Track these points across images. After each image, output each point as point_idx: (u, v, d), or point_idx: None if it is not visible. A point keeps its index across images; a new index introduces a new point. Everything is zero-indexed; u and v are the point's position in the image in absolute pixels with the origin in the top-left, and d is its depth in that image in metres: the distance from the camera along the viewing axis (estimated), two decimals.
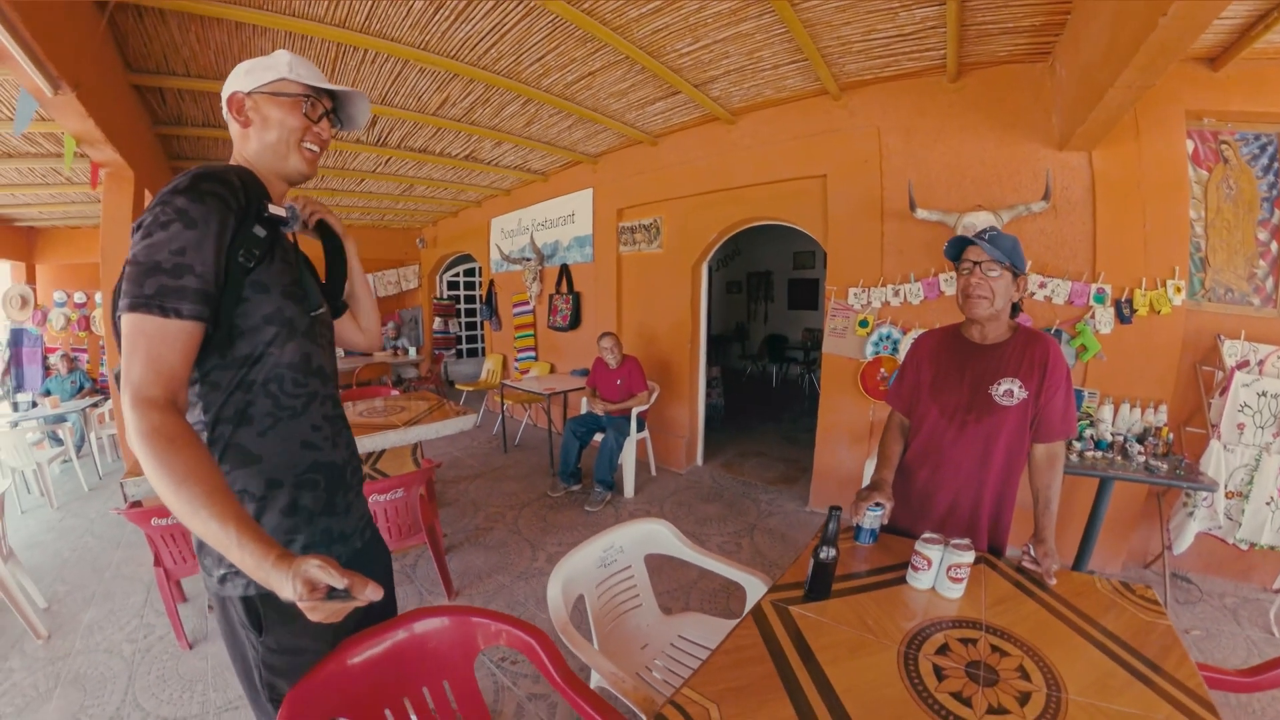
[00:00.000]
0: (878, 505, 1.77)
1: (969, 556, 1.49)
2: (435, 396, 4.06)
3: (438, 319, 10.46)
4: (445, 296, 10.79)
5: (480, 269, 9.02)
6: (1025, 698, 1.14)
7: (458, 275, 10.90)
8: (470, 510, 4.57)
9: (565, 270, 6.68)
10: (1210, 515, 3.14)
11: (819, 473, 4.55)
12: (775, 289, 11.18)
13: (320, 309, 1.24)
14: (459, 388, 8.10)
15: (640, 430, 4.95)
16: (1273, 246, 3.16)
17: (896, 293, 3.90)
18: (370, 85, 3.81)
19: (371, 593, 0.89)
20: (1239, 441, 3.07)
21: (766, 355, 10.36)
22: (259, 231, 1.09)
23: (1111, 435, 3.10)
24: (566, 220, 6.55)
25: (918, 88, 3.70)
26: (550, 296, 6.92)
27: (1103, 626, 1.38)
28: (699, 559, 2.10)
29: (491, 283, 8.21)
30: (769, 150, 4.48)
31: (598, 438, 4.83)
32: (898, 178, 3.80)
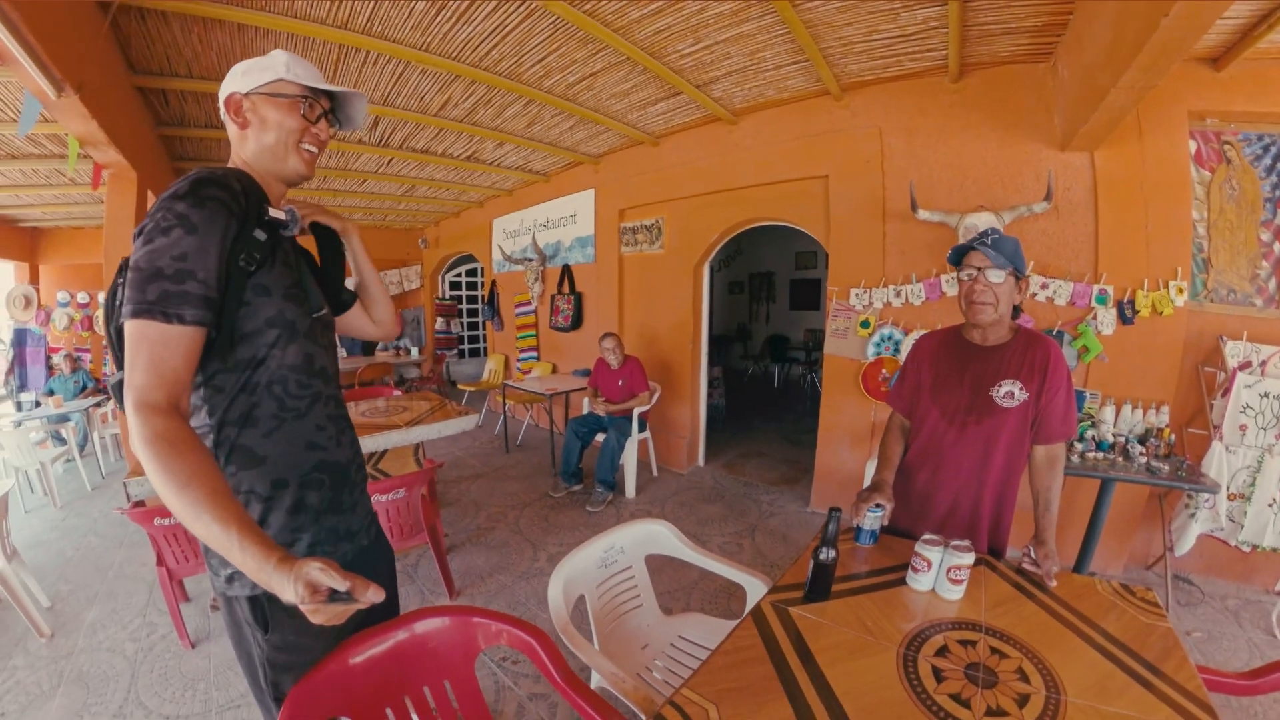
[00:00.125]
0: (878, 506, 1.77)
1: (969, 558, 1.49)
2: (437, 396, 4.07)
3: (440, 319, 10.48)
4: (447, 297, 10.81)
5: (482, 269, 9.03)
6: (1024, 700, 1.14)
7: (460, 275, 10.92)
8: (472, 510, 4.58)
9: (567, 271, 6.69)
10: (1212, 517, 3.14)
11: (820, 473, 4.55)
12: (777, 289, 11.19)
13: (321, 311, 1.25)
14: (461, 388, 8.11)
15: (642, 431, 4.95)
16: (1275, 247, 3.15)
17: (898, 293, 3.90)
18: (372, 86, 3.82)
19: (373, 595, 0.89)
20: (1241, 443, 3.06)
21: (768, 356, 10.36)
22: (259, 235, 1.10)
23: (1113, 436, 3.09)
24: (568, 221, 6.55)
25: (919, 88, 3.70)
26: (552, 297, 6.92)
27: (1103, 629, 1.38)
28: (700, 560, 2.10)
29: (494, 283, 8.22)
30: (771, 151, 4.48)
31: (599, 438, 4.83)
32: (899, 178, 3.80)
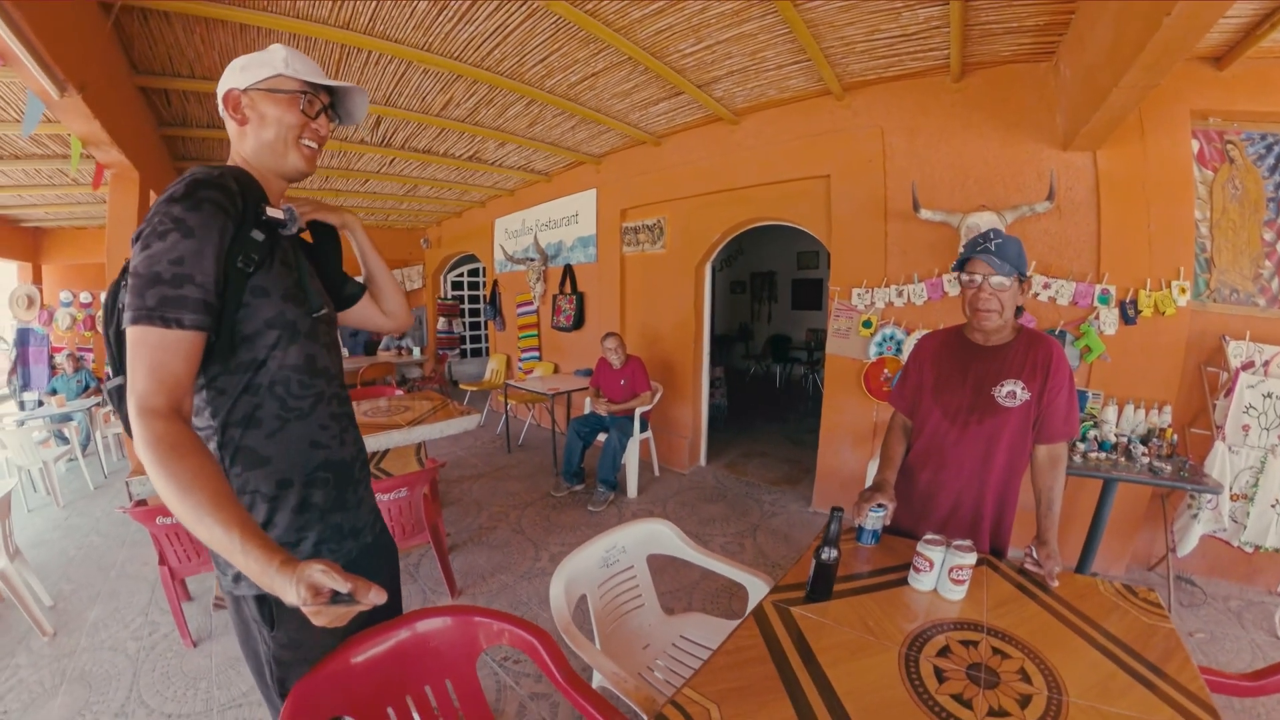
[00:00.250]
0: (880, 506, 1.77)
1: (971, 558, 1.49)
2: (439, 396, 4.08)
3: (442, 319, 10.49)
4: (449, 296, 10.81)
5: (484, 269, 9.04)
6: (1026, 700, 1.14)
7: (462, 275, 10.93)
8: (473, 510, 4.58)
9: (569, 270, 6.69)
10: (1215, 518, 3.13)
11: (822, 473, 4.54)
12: (779, 289, 11.18)
13: (322, 310, 1.24)
14: (463, 388, 8.11)
15: (644, 430, 4.96)
16: (1278, 247, 3.14)
17: (900, 293, 3.89)
18: (374, 86, 3.83)
19: (375, 596, 0.89)
20: (1244, 443, 3.05)
21: (770, 355, 10.35)
22: (257, 236, 1.09)
23: (1115, 436, 3.09)
24: (570, 221, 6.55)
25: (921, 87, 3.69)
26: (554, 297, 6.93)
27: (1105, 629, 1.38)
28: (701, 559, 2.10)
29: (495, 283, 8.23)
30: (772, 150, 4.48)
31: (601, 438, 4.83)
32: (901, 178, 3.79)
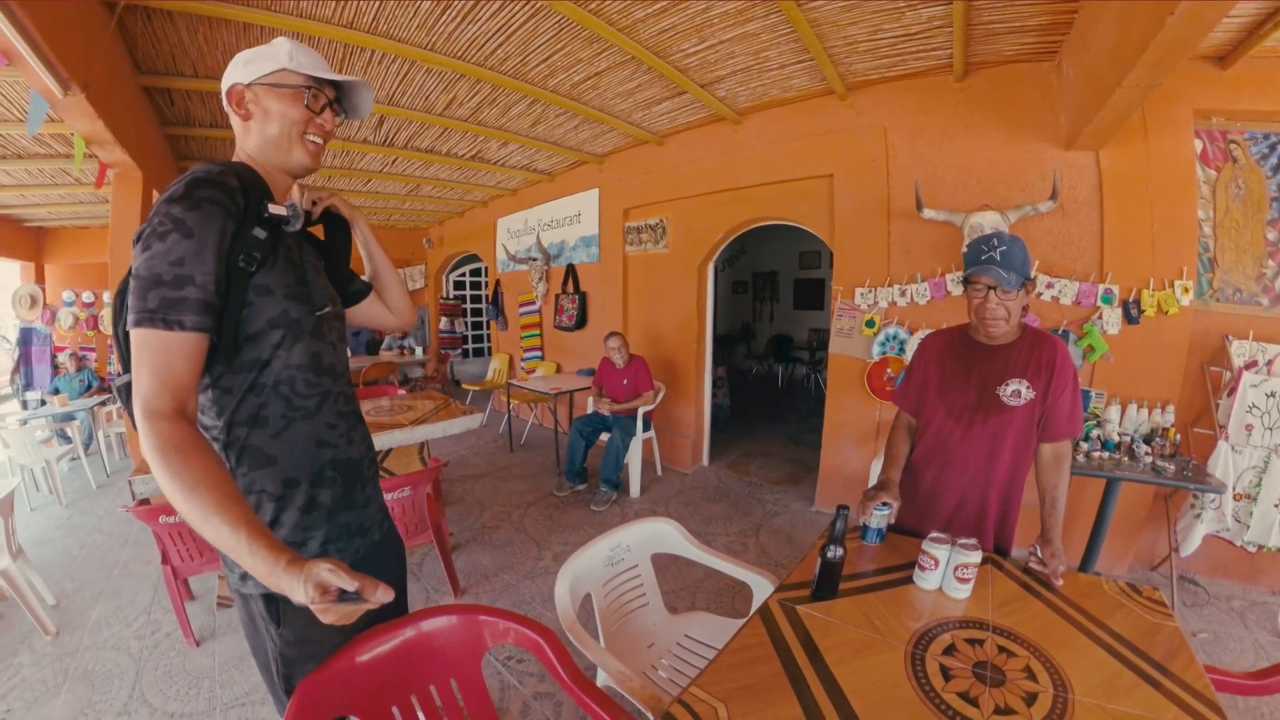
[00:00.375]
0: (885, 505, 1.76)
1: (976, 556, 1.49)
2: (442, 396, 4.08)
3: (444, 319, 10.48)
4: (451, 296, 10.81)
5: (486, 269, 9.03)
6: (1032, 698, 1.14)
7: (464, 275, 10.93)
8: (476, 509, 4.58)
9: (571, 270, 6.69)
10: (1218, 517, 3.13)
11: (825, 473, 4.54)
12: (781, 289, 11.18)
13: (325, 308, 1.22)
14: (465, 387, 8.10)
15: (646, 430, 4.96)
16: None
17: (903, 293, 3.89)
18: (377, 85, 3.83)
19: (382, 595, 0.89)
20: (1247, 443, 3.05)
21: (772, 355, 10.34)
22: (259, 234, 1.07)
23: (1118, 436, 3.08)
24: (572, 220, 6.55)
25: (924, 87, 3.69)
26: (556, 296, 6.93)
27: (1110, 628, 1.38)
28: (706, 558, 2.10)
29: (498, 283, 8.23)
30: (775, 150, 4.47)
31: (604, 437, 4.84)
32: (904, 177, 3.79)
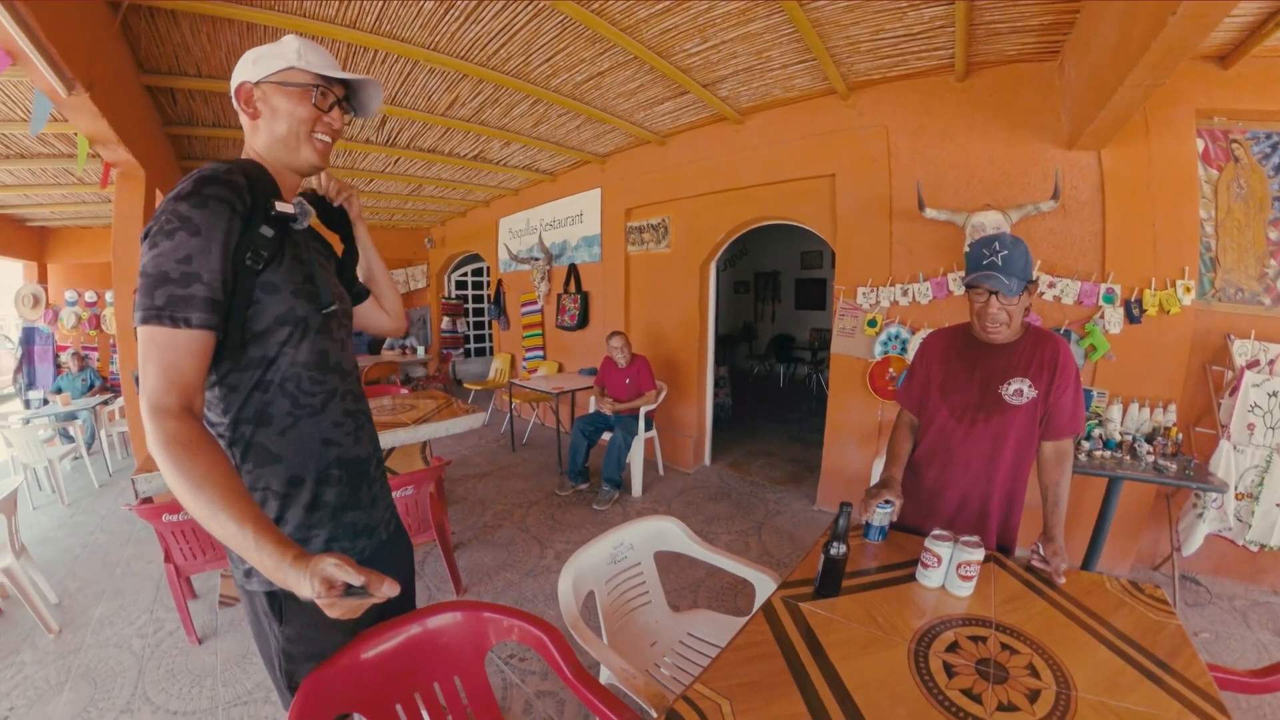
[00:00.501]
0: (887, 503, 1.77)
1: (978, 554, 1.49)
2: (444, 395, 4.09)
3: (446, 318, 10.48)
4: (453, 296, 10.81)
5: (488, 269, 9.04)
6: (1035, 695, 1.15)
7: (466, 275, 10.93)
8: (478, 508, 4.59)
9: (573, 270, 6.69)
10: (1220, 517, 3.13)
11: (827, 472, 4.55)
12: (782, 289, 11.17)
13: (333, 305, 1.22)
14: (467, 387, 8.11)
15: (648, 429, 4.96)
16: None
17: (905, 292, 3.90)
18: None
19: (388, 589, 0.90)
20: (1249, 442, 3.05)
21: (773, 355, 10.34)
22: (266, 232, 1.07)
23: (1120, 435, 3.08)
24: (574, 220, 6.56)
25: (926, 87, 3.69)
26: (558, 296, 6.93)
27: (1112, 625, 1.38)
28: (708, 556, 2.11)
29: (500, 282, 8.23)
30: (777, 150, 4.48)
31: (606, 437, 4.84)
32: (906, 177, 3.79)
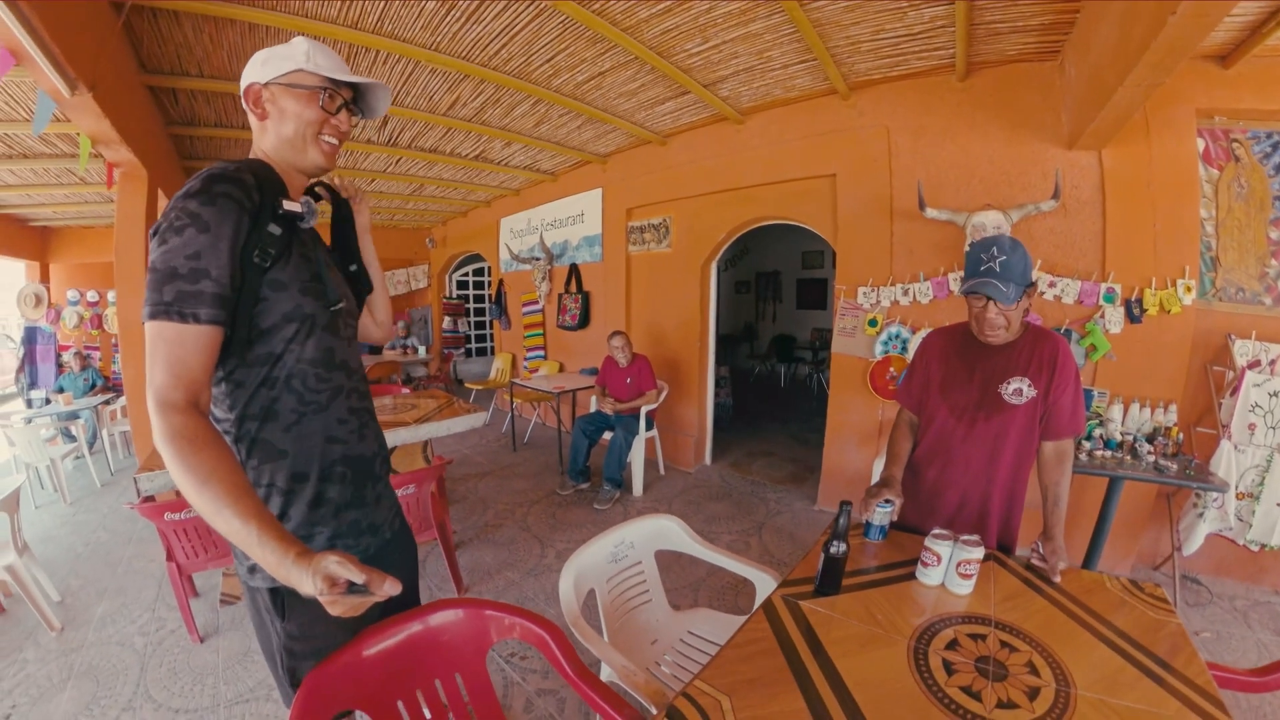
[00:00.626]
0: (887, 502, 1.77)
1: (978, 553, 1.49)
2: (445, 395, 4.09)
3: (447, 318, 10.50)
4: (455, 296, 10.82)
5: (489, 268, 9.05)
6: (1034, 692, 1.15)
7: (467, 275, 10.94)
8: (480, 507, 4.59)
9: (574, 270, 6.70)
10: (1221, 516, 3.13)
11: (827, 472, 4.55)
12: (783, 289, 11.17)
13: (340, 303, 1.23)
14: (468, 386, 8.13)
15: (649, 429, 4.96)
16: None
17: (906, 292, 3.90)
18: None
19: (390, 588, 0.90)
20: (1250, 442, 3.05)
21: (774, 355, 10.34)
22: (274, 229, 1.08)
23: (1121, 435, 3.08)
24: (576, 220, 6.56)
25: (926, 87, 3.70)
26: (559, 296, 6.94)
27: (1112, 624, 1.38)
28: (709, 555, 2.11)
29: (501, 282, 8.24)
30: (778, 150, 4.48)
31: (607, 436, 4.84)
32: (907, 177, 3.79)
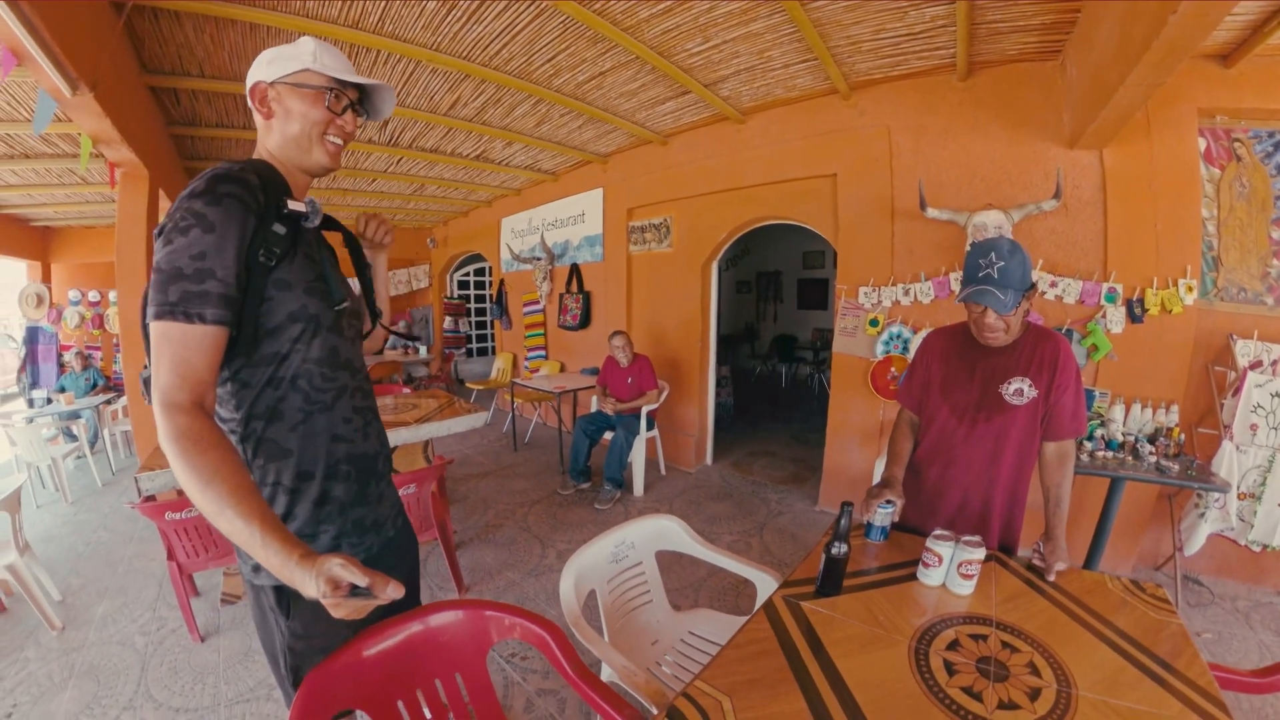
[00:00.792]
0: (889, 502, 1.77)
1: (979, 553, 1.49)
2: (446, 394, 4.09)
3: (448, 318, 10.49)
4: (456, 296, 10.82)
5: (491, 268, 9.04)
6: (1036, 693, 1.15)
7: (468, 275, 10.94)
8: (480, 507, 4.59)
9: (575, 269, 6.70)
10: (1222, 517, 3.12)
11: (828, 472, 4.54)
12: (784, 289, 11.16)
13: (344, 303, 1.24)
14: (469, 386, 8.13)
15: (650, 429, 4.96)
16: None
17: (907, 292, 3.89)
18: None
19: (393, 591, 0.90)
20: (1251, 442, 3.04)
21: (775, 355, 10.34)
22: (279, 229, 1.09)
23: (1122, 435, 3.08)
24: (577, 220, 6.56)
25: (927, 86, 3.69)
26: (560, 296, 6.94)
27: (1113, 624, 1.38)
28: (710, 555, 2.11)
29: (502, 282, 8.24)
30: (779, 149, 4.48)
31: (607, 436, 4.84)
32: (908, 176, 3.79)
